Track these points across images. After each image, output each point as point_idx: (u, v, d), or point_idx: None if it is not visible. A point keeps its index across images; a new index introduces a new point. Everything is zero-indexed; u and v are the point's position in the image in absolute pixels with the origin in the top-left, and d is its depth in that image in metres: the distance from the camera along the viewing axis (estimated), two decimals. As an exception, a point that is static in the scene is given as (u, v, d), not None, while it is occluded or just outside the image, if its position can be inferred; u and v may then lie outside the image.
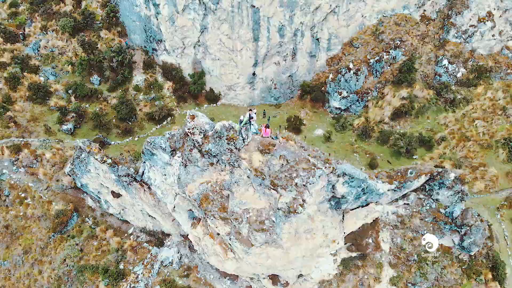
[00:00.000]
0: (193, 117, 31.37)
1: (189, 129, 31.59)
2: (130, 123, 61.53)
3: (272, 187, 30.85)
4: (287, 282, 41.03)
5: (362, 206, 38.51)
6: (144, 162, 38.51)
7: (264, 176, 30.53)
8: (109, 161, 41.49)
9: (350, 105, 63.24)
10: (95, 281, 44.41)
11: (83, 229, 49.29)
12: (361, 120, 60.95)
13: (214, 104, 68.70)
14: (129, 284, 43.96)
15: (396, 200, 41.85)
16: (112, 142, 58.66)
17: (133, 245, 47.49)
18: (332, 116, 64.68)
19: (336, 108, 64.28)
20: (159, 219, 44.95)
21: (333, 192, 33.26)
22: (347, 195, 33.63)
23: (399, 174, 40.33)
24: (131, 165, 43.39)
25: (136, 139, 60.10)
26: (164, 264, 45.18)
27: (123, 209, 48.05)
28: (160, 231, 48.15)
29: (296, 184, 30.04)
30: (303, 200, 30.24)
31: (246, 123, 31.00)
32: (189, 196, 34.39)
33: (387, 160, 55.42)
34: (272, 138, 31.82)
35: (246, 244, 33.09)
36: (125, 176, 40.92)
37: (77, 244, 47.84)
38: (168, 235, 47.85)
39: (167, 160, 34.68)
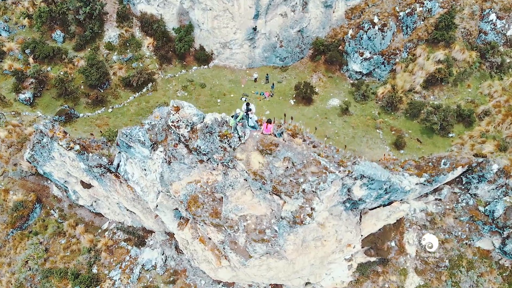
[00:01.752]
0: (177, 109, 31.24)
1: (172, 122, 31.58)
2: (102, 91, 61.36)
3: (274, 192, 31.19)
4: (292, 291, 42.22)
5: (384, 205, 38.98)
6: (120, 152, 38.71)
7: (264, 181, 30.79)
8: (77, 147, 41.66)
9: (374, 69, 62.67)
10: (63, 288, 45.73)
11: (48, 224, 50.15)
12: (387, 88, 60.56)
13: (205, 66, 68.15)
14: (104, 292, 45.29)
15: (426, 195, 42.27)
16: (81, 115, 58.68)
17: (108, 244, 48.43)
18: (351, 82, 64.26)
19: (356, 72, 63.76)
20: (140, 215, 45.63)
21: (348, 195, 33.65)
22: (365, 198, 34.05)
23: (430, 164, 40.53)
24: (104, 150, 43.58)
25: (109, 110, 60.11)
26: (146, 268, 46.22)
27: (95, 201, 48.74)
28: (141, 227, 49.01)
29: (304, 190, 30.31)
30: (312, 209, 30.63)
31: (242, 118, 30.88)
32: (175, 196, 34.85)
33: (416, 139, 55.57)
34: (275, 135, 31.74)
35: (243, 255, 33.80)
36: (97, 166, 41.27)
37: (41, 243, 48.79)
38: (151, 232, 48.72)
39: (147, 155, 34.90)
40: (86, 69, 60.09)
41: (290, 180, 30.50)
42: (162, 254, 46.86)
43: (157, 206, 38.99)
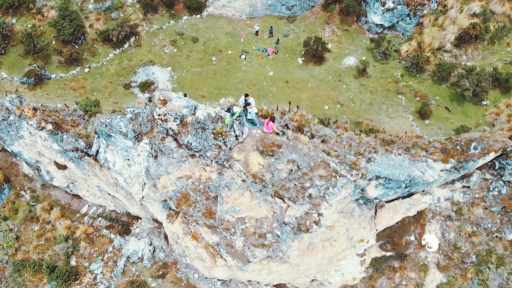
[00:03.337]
0: (164, 102, 31.46)
1: (159, 115, 31.88)
2: (76, 47, 61.17)
3: (276, 196, 31.85)
4: (297, 288, 43.71)
5: (403, 197, 39.58)
6: (99, 137, 39.11)
7: (265, 184, 31.36)
8: (49, 127, 42.05)
9: (397, 22, 62.13)
10: (38, 283, 46.86)
11: (19, 207, 51.09)
12: (412, 45, 60.20)
13: (198, 16, 67.46)
14: None
15: (452, 181, 42.81)
16: (53, 76, 58.77)
17: (88, 232, 49.37)
18: (370, 37, 63.75)
19: (376, 25, 63.20)
20: (123, 200, 46.34)
21: (362, 194, 34.26)
22: (381, 197, 34.69)
23: (458, 148, 40.86)
24: (80, 128, 43.94)
25: (86, 70, 60.16)
26: (131, 260, 47.34)
27: (72, 183, 49.53)
28: (125, 212, 49.79)
29: (310, 195, 30.90)
30: (319, 214, 31.33)
31: (240, 116, 31.00)
32: (163, 191, 35.61)
33: (444, 107, 55.73)
34: (278, 134, 31.91)
35: (241, 259, 34.89)
36: (73, 150, 41.81)
37: (11, 230, 49.81)
38: (137, 218, 49.52)
39: (130, 146, 35.35)
40: (58, 22, 59.57)
41: (295, 184, 31.04)
42: (150, 245, 47.90)
43: (143, 197, 39.81)
